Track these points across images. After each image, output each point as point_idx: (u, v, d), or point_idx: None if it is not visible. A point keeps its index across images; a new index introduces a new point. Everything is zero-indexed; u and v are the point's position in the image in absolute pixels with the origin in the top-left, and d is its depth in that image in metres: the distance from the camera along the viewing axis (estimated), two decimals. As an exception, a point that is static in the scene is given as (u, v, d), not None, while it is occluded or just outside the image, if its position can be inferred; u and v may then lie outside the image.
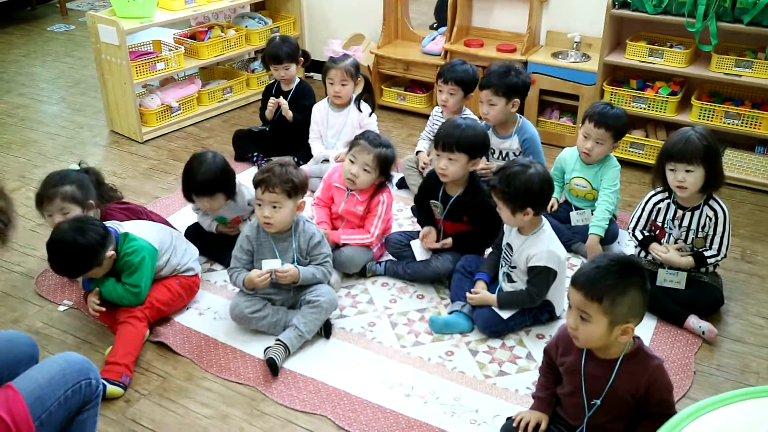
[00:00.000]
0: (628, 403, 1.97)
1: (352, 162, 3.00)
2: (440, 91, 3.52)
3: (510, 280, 2.74)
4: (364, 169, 2.98)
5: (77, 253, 2.49)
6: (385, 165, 2.99)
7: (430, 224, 3.05)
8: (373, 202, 3.05)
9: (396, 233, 3.15)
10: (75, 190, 2.78)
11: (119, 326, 2.62)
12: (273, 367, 2.54)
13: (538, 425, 2.11)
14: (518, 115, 3.44)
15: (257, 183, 2.64)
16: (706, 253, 2.77)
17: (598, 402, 1.98)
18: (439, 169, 2.88)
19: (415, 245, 3.03)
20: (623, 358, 1.94)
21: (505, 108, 3.32)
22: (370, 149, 2.96)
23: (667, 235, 2.83)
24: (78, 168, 2.93)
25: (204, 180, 2.89)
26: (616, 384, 1.95)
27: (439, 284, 3.03)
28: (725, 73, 3.69)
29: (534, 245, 2.63)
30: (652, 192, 2.89)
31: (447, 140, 2.83)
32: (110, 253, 2.58)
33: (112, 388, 2.44)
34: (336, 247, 3.00)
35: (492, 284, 2.80)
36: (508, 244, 2.72)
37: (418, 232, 3.09)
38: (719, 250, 2.76)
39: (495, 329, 2.71)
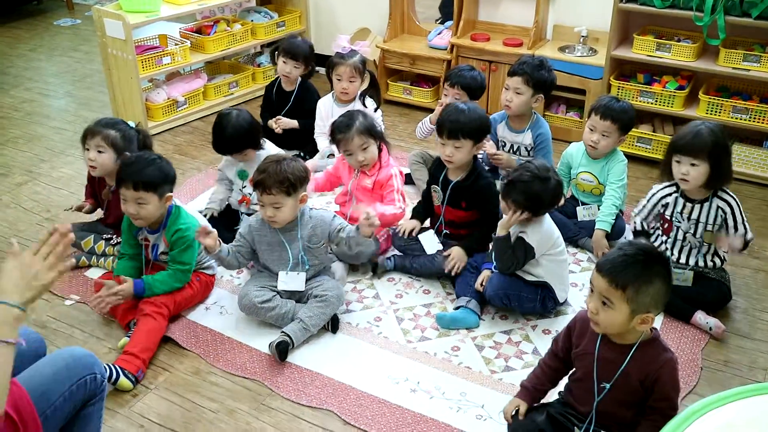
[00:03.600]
0: (637, 391, 1.97)
1: (350, 155, 3.05)
2: (445, 94, 3.52)
3: None
4: (364, 148, 3.03)
5: (152, 163, 2.67)
6: (372, 131, 3.05)
7: (420, 218, 3.09)
8: (384, 177, 3.09)
9: None
10: (118, 137, 2.93)
11: (142, 318, 2.62)
12: (282, 349, 2.55)
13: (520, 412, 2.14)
14: (534, 111, 3.44)
15: (255, 185, 2.65)
16: (749, 236, 2.71)
17: (608, 386, 1.98)
18: (445, 156, 2.90)
19: (424, 238, 3.02)
20: (639, 345, 1.95)
21: (529, 100, 3.34)
22: (350, 134, 3.01)
23: (675, 228, 2.82)
24: (132, 125, 3.06)
25: (230, 140, 3.14)
26: (627, 369, 1.95)
27: (446, 279, 3.02)
28: (733, 68, 3.67)
29: (528, 226, 2.67)
30: (659, 186, 2.88)
31: (452, 128, 2.84)
32: (169, 194, 2.71)
33: (124, 381, 2.45)
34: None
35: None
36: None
37: (424, 228, 3.09)
38: (745, 230, 2.72)
39: (507, 293, 2.71)
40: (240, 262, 2.78)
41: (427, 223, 3.16)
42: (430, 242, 3.01)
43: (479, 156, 3.02)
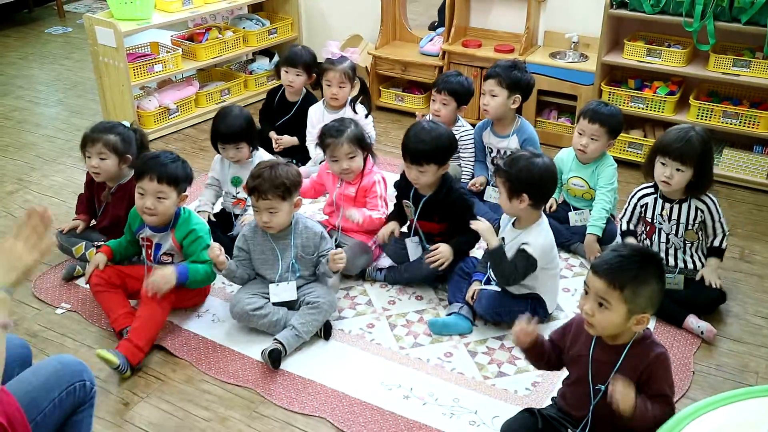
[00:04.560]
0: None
1: (335, 161, 3.03)
2: (433, 101, 3.52)
3: None
4: (350, 157, 3.01)
5: (176, 161, 2.74)
6: (361, 140, 3.04)
7: (397, 220, 3.05)
8: (368, 184, 3.08)
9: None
10: (118, 141, 2.95)
11: (147, 303, 2.62)
12: (275, 357, 2.53)
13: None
14: (517, 115, 3.45)
15: (250, 191, 2.65)
16: (716, 243, 2.81)
17: (603, 387, 1.98)
18: (411, 179, 2.88)
19: (409, 243, 3.01)
20: (631, 344, 1.96)
21: (506, 102, 3.34)
22: (339, 139, 3.00)
23: (657, 230, 2.83)
24: (128, 126, 3.07)
25: (230, 130, 3.15)
26: (621, 368, 1.96)
27: (438, 283, 3.01)
28: (723, 73, 3.69)
29: (530, 235, 2.63)
30: (638, 187, 2.91)
31: (414, 154, 2.80)
32: (185, 193, 2.76)
33: (107, 354, 2.48)
34: (337, 246, 3.00)
35: (488, 282, 2.80)
36: (502, 238, 2.72)
37: (407, 233, 3.06)
38: (723, 230, 2.81)
39: (498, 311, 2.70)
40: (249, 274, 2.79)
41: (405, 229, 3.12)
42: (414, 249, 2.99)
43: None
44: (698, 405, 1.75)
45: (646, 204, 2.85)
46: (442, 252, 2.84)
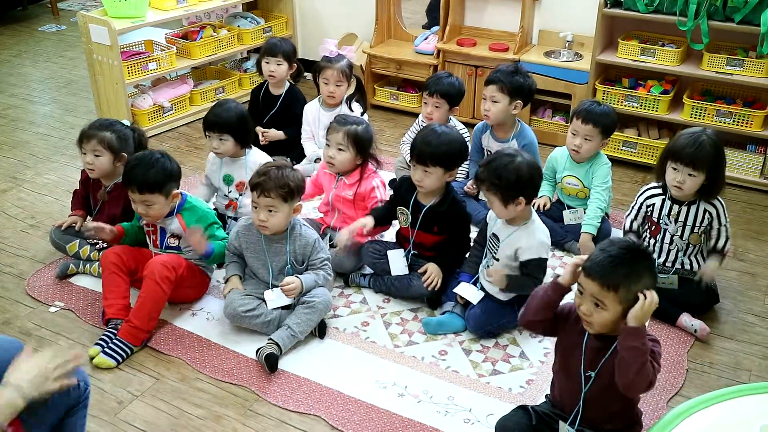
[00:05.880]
0: None
1: (328, 146, 3.05)
2: (425, 103, 3.48)
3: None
4: (339, 149, 3.01)
5: (155, 165, 2.68)
6: (357, 141, 3.01)
7: (382, 219, 2.97)
8: (366, 190, 3.06)
9: (374, 242, 3.05)
10: (113, 138, 2.96)
11: (150, 283, 2.65)
12: (272, 362, 2.53)
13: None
14: (518, 119, 3.44)
15: (253, 186, 2.64)
16: (719, 245, 2.80)
17: (593, 374, 1.99)
18: (414, 180, 2.81)
19: (393, 256, 2.93)
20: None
21: (507, 108, 3.31)
22: (339, 128, 3.01)
23: (662, 230, 2.83)
24: (127, 125, 3.08)
25: (216, 119, 3.16)
26: (612, 356, 1.96)
27: (423, 301, 2.93)
28: (717, 72, 3.70)
29: (523, 237, 2.61)
30: (646, 186, 2.90)
31: (421, 153, 2.74)
32: (176, 191, 2.75)
33: (104, 359, 2.58)
34: (331, 246, 2.99)
35: (475, 283, 2.79)
36: (494, 235, 2.70)
37: (393, 245, 3.01)
38: (726, 234, 2.80)
39: (487, 329, 2.71)
40: (242, 270, 2.80)
41: (392, 235, 3.09)
42: (397, 263, 2.91)
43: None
44: (691, 402, 1.76)
45: (653, 204, 2.84)
46: (433, 273, 2.81)
